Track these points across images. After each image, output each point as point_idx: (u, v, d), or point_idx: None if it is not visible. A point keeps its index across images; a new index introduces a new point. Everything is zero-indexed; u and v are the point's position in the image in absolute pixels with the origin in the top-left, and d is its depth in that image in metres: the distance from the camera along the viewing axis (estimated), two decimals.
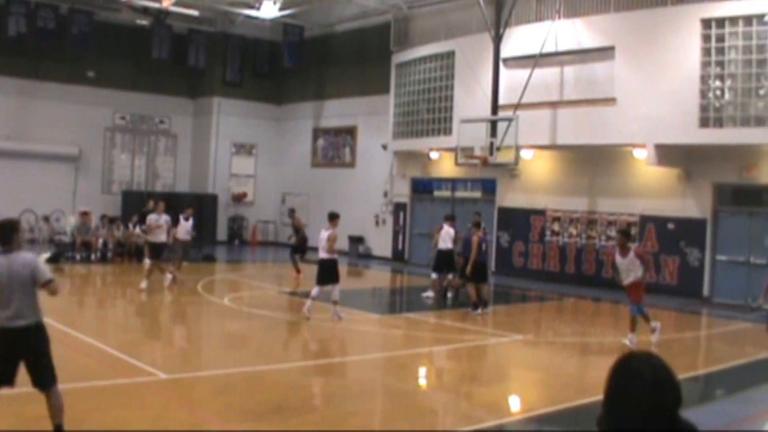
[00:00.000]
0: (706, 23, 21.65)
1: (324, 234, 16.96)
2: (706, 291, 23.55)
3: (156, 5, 31.26)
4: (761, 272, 22.52)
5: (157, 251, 21.00)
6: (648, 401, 3.37)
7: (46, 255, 25.66)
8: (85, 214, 28.22)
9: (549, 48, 24.96)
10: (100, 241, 27.84)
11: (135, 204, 31.74)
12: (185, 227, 23.07)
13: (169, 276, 21.10)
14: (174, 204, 34.95)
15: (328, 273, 16.91)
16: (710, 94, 21.77)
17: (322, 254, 17.01)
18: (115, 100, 35.68)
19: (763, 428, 9.21)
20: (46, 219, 32.20)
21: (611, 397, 3.50)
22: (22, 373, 7.72)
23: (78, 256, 27.06)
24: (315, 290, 16.94)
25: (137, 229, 27.36)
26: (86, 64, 34.56)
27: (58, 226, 31.07)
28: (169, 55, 35.29)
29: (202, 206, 36.00)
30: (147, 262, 22.74)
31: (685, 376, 12.94)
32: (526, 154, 26.43)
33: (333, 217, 17.15)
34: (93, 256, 27.32)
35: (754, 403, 11.88)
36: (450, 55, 28.90)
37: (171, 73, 36.71)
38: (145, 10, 32.52)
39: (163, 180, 37.89)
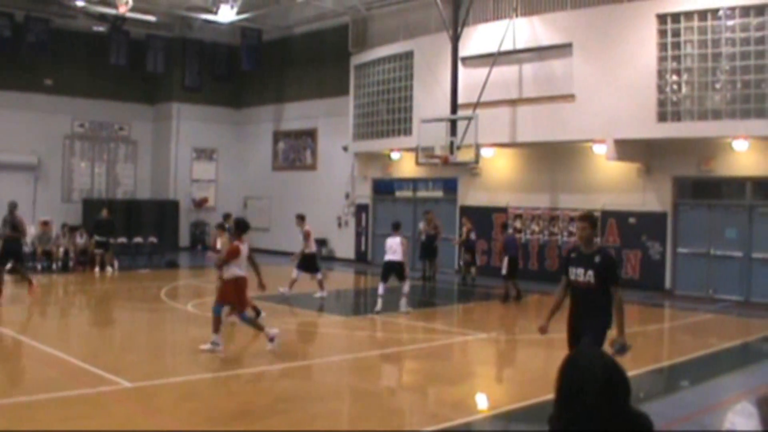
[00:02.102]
0: (662, 18, 21.86)
1: (396, 239, 19.19)
2: (668, 284, 23.77)
3: (113, 11, 30.98)
4: (721, 264, 22.80)
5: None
6: (599, 396, 3.36)
7: (7, 266, 25.52)
8: (45, 224, 27.94)
9: (507, 46, 25.06)
10: (61, 250, 27.59)
11: (96, 212, 31.47)
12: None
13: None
14: (135, 211, 35.03)
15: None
16: (667, 89, 21.98)
17: (392, 257, 19.10)
18: (73, 107, 35.31)
19: (725, 417, 9.30)
20: None
21: (563, 396, 3.50)
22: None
23: (39, 266, 26.78)
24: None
25: (94, 238, 27.25)
26: (43, 72, 34.18)
27: None
28: (128, 61, 34.98)
29: (163, 213, 35.83)
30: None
31: (649, 368, 13.06)
32: (486, 153, 26.50)
33: (397, 227, 19.94)
34: (54, 266, 27.06)
35: (716, 393, 12.00)
36: (408, 55, 28.94)
37: (129, 79, 36.39)
38: (101, 17, 32.24)
39: (124, 187, 37.56)
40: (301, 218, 22.07)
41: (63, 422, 9.22)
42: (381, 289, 19.17)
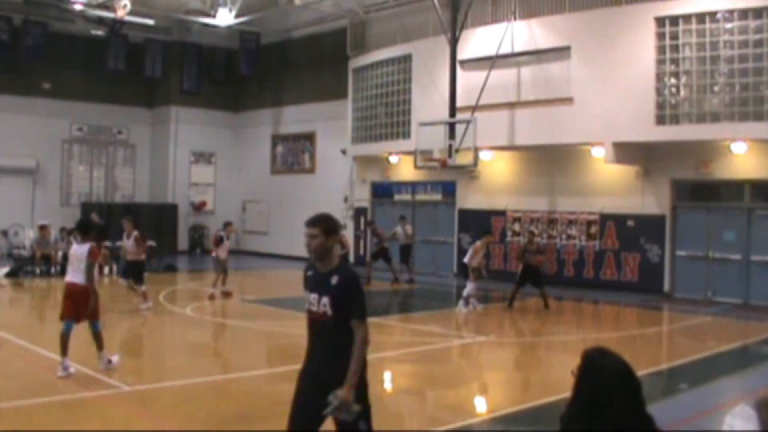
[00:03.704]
0: (660, 21, 21.88)
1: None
2: (666, 286, 23.77)
3: (111, 15, 31.00)
4: (720, 266, 22.81)
5: None
6: (626, 399, 3.41)
7: (4, 270, 25.48)
8: (43, 228, 27.89)
9: (505, 49, 25.08)
10: (60, 254, 27.54)
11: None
12: None
13: None
14: (133, 214, 34.94)
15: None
16: (666, 92, 21.99)
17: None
18: (71, 111, 35.33)
19: (724, 419, 9.29)
20: (5, 233, 31.83)
21: (586, 396, 3.52)
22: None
23: (37, 270, 26.75)
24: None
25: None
26: (42, 76, 34.20)
27: (16, 240, 30.72)
28: (126, 65, 35.02)
29: (162, 216, 35.80)
30: None
31: (648, 371, 13.04)
32: (485, 156, 26.52)
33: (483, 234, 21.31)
34: (53, 270, 27.00)
35: (715, 396, 12.00)
36: (407, 58, 28.94)
37: (128, 83, 36.41)
38: (100, 21, 32.26)
39: (123, 191, 37.57)
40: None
41: (61, 426, 9.20)
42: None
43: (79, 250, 11.98)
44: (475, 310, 19.91)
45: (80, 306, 11.83)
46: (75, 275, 11.85)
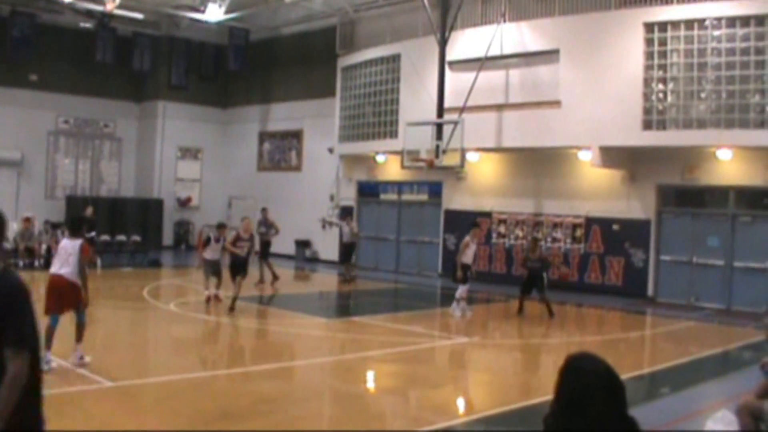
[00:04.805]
0: (649, 27, 21.94)
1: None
2: (650, 291, 23.86)
3: (100, 8, 30.90)
4: (703, 272, 22.91)
5: None
6: (606, 399, 3.46)
7: None
8: (27, 220, 27.81)
9: (494, 51, 25.10)
10: (44, 247, 27.46)
11: (79, 209, 31.34)
12: None
13: None
14: (119, 209, 34.94)
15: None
16: (653, 97, 22.05)
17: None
18: (58, 103, 35.15)
19: (705, 424, 9.34)
20: None
21: (566, 397, 3.57)
22: None
23: (21, 263, 26.64)
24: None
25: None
26: (28, 68, 33.99)
27: None
28: (114, 59, 34.85)
29: (147, 211, 35.73)
30: None
31: (630, 375, 13.10)
32: (471, 157, 26.55)
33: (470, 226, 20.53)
34: (36, 263, 26.91)
35: (696, 401, 12.06)
36: (396, 58, 28.94)
37: (115, 76, 36.26)
38: (88, 13, 32.12)
39: (108, 185, 37.41)
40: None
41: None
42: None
43: (69, 245, 11.96)
44: (464, 316, 19.45)
45: (64, 299, 11.86)
46: (61, 268, 11.81)
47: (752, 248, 22.03)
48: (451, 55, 26.29)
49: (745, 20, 20.41)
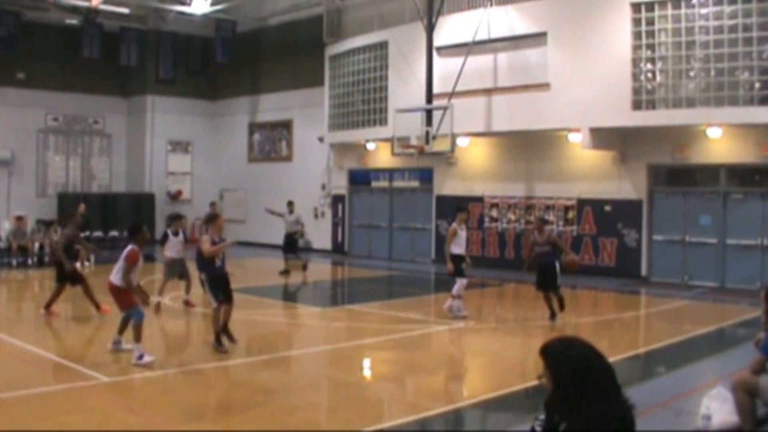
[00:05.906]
0: (636, 7, 21.91)
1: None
2: (644, 271, 23.92)
3: (85, 4, 30.79)
4: (696, 250, 22.96)
5: None
6: (607, 382, 3.49)
7: None
8: (19, 219, 27.80)
9: (482, 35, 25.06)
10: (36, 245, 27.43)
11: (71, 206, 31.25)
12: None
13: None
14: (110, 204, 34.88)
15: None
16: (642, 77, 22.05)
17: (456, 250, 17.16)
18: (46, 101, 35.02)
19: (701, 402, 9.37)
20: None
21: (559, 382, 3.58)
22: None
23: (14, 262, 26.62)
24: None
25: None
26: (16, 66, 33.86)
27: None
28: (101, 54, 34.70)
29: (139, 206, 35.66)
30: None
31: (626, 354, 13.14)
32: (462, 142, 26.55)
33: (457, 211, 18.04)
34: (29, 261, 26.90)
35: (692, 379, 12.09)
36: (383, 45, 28.90)
37: (103, 72, 36.12)
38: (74, 9, 32.00)
39: (99, 181, 37.34)
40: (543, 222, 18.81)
41: (40, 419, 9.18)
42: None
43: (125, 250, 12.88)
44: (458, 317, 17.08)
45: (117, 302, 13.05)
46: (112, 273, 12.88)
47: (744, 225, 22.08)
48: (439, 40, 26.24)
49: None
